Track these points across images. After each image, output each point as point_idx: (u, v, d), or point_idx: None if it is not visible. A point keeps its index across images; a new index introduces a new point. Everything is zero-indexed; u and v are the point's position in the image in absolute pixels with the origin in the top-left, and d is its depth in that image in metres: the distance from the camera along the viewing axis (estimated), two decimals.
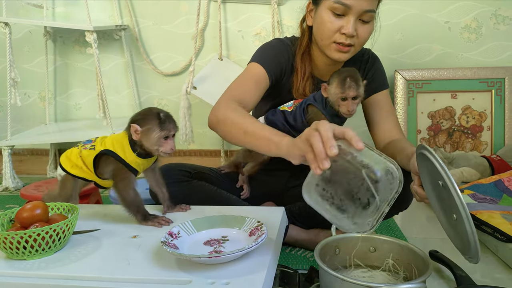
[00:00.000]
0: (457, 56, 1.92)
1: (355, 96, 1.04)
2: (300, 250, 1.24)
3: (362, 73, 1.22)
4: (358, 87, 1.04)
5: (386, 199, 0.70)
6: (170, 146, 0.91)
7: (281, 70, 1.18)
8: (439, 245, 1.26)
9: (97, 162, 0.96)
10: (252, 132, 0.90)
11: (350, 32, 1.05)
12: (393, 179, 0.69)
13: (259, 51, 1.19)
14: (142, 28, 2.10)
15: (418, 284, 0.64)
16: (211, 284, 0.68)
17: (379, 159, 0.70)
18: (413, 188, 0.88)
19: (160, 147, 0.91)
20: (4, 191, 1.95)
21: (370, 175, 0.68)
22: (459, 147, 1.91)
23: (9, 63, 1.87)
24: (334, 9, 1.05)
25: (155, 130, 0.89)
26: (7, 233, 0.76)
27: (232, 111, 0.99)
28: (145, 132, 0.89)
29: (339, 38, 1.07)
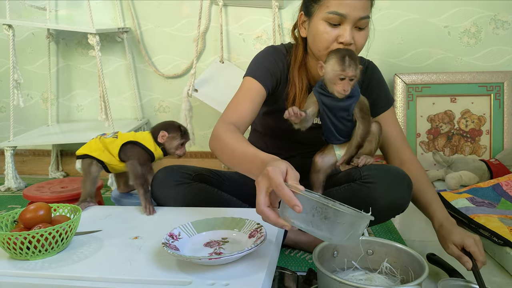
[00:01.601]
0: (457, 60, 1.93)
1: (353, 76, 1.01)
2: (299, 252, 1.25)
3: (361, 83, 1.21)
4: (356, 67, 1.01)
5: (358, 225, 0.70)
6: (184, 151, 1.27)
7: (276, 80, 1.19)
8: (437, 248, 1.27)
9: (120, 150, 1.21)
10: (237, 161, 0.94)
11: (348, 40, 1.04)
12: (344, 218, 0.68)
13: (253, 64, 1.20)
14: (144, 31, 2.11)
15: (414, 286, 0.65)
16: (211, 285, 0.69)
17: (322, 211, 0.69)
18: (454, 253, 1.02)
19: (177, 150, 1.25)
20: (7, 192, 1.96)
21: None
22: (458, 150, 1.92)
23: (12, 65, 1.89)
24: (329, 19, 1.05)
25: (177, 138, 1.24)
26: (11, 234, 0.77)
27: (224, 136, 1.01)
28: (170, 138, 1.23)
29: (336, 48, 1.07)
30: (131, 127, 2.02)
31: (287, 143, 1.32)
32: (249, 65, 1.20)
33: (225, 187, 1.27)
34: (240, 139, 0.99)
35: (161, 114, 2.19)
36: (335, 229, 0.67)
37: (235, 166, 0.96)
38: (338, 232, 0.67)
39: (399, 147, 1.20)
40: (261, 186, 0.73)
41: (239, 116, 1.10)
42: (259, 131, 1.37)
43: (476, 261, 0.95)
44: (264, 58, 1.20)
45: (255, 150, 0.91)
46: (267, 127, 1.32)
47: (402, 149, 1.20)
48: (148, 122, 2.20)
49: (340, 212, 0.66)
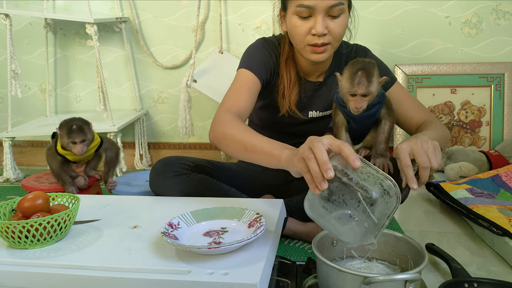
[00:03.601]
0: (457, 51, 1.92)
1: (365, 93, 0.95)
2: (298, 242, 1.25)
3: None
4: (369, 83, 0.94)
5: (385, 215, 0.69)
6: (78, 150, 1.29)
7: (270, 72, 1.18)
8: (436, 239, 1.27)
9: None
10: (251, 148, 0.93)
11: (319, 31, 1.03)
12: (390, 198, 0.68)
13: (246, 56, 1.19)
14: (143, 21, 2.10)
15: (413, 274, 0.65)
16: (210, 274, 0.69)
17: (376, 177, 0.69)
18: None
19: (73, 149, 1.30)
20: (5, 182, 1.96)
21: (366, 197, 0.68)
22: (458, 142, 1.92)
23: (10, 55, 1.88)
24: (299, 12, 1.04)
25: (64, 136, 1.29)
26: (9, 223, 0.77)
27: (230, 128, 1.00)
28: (61, 136, 1.31)
29: (311, 40, 1.06)
30: (130, 118, 2.01)
31: (284, 136, 1.31)
32: (242, 57, 1.19)
33: (224, 178, 1.26)
34: (249, 130, 0.99)
35: (160, 105, 2.18)
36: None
37: (249, 157, 0.95)
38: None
39: (413, 118, 1.15)
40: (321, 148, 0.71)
41: (240, 107, 1.09)
42: (256, 123, 1.37)
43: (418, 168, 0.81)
44: (256, 49, 1.19)
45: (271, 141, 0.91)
46: (263, 120, 1.32)
47: (416, 118, 1.14)
48: (147, 113, 2.19)
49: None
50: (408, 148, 0.81)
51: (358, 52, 1.22)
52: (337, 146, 0.71)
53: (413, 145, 0.81)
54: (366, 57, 1.22)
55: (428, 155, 0.80)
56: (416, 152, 0.80)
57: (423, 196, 1.70)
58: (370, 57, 1.22)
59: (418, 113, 1.15)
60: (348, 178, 0.69)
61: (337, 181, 0.70)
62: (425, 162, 0.79)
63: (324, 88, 1.22)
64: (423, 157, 0.79)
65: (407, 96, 1.20)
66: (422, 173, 0.80)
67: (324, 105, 1.24)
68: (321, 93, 1.23)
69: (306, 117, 1.24)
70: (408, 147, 0.81)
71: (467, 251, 1.20)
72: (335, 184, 0.70)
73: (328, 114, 1.25)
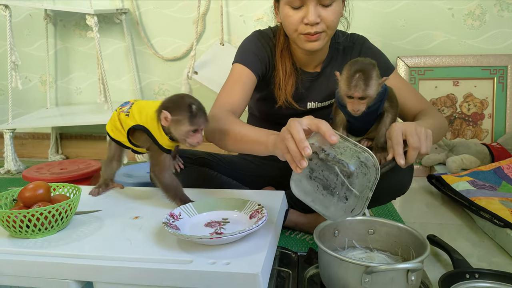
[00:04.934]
0: (460, 43, 1.91)
1: (362, 97, 0.91)
2: (299, 233, 1.25)
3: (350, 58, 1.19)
4: (366, 87, 0.90)
5: (367, 187, 0.71)
6: (197, 140, 0.90)
7: (265, 65, 1.18)
8: (437, 230, 1.27)
9: (132, 132, 0.96)
10: (241, 138, 0.95)
11: (311, 20, 1.02)
12: (368, 169, 0.70)
13: (241, 50, 1.19)
14: (143, 12, 2.08)
15: (415, 264, 0.65)
16: (212, 264, 0.69)
17: (353, 151, 0.70)
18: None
19: (188, 139, 0.89)
20: (6, 174, 1.96)
21: (343, 170, 0.69)
22: (460, 134, 1.91)
23: (10, 46, 1.87)
24: (290, 3, 1.04)
25: (185, 123, 0.87)
26: (10, 212, 0.77)
27: (222, 123, 1.01)
28: (174, 121, 0.88)
29: (304, 29, 1.05)
30: None
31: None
32: (237, 51, 1.19)
33: (225, 170, 1.26)
34: (239, 123, 1.00)
35: (160, 97, 2.17)
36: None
37: (241, 148, 0.97)
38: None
39: (411, 107, 1.15)
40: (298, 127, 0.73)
41: (233, 103, 1.09)
42: (256, 116, 1.37)
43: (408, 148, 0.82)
44: (251, 43, 1.18)
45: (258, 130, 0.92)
46: (262, 112, 1.32)
47: (415, 107, 1.14)
48: None
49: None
50: (402, 128, 0.82)
51: (355, 41, 1.21)
52: (315, 124, 0.73)
53: (407, 127, 0.83)
54: (363, 46, 1.21)
55: (419, 138, 0.81)
56: (408, 132, 0.81)
57: (424, 188, 1.69)
58: (367, 46, 1.21)
59: (416, 102, 1.15)
60: (325, 154, 0.71)
61: (316, 158, 0.72)
62: (415, 142, 0.81)
63: (322, 79, 1.22)
64: (414, 138, 0.81)
65: (405, 85, 1.19)
66: (410, 153, 0.81)
67: (322, 96, 1.23)
68: (319, 83, 1.22)
69: (305, 109, 1.24)
70: (402, 127, 0.83)
71: (468, 242, 1.20)
72: (314, 162, 0.72)
73: (327, 105, 1.24)
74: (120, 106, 0.99)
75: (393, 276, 0.67)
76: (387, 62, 1.20)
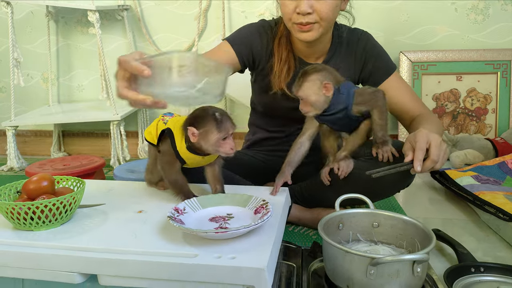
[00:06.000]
0: (463, 38, 1.90)
1: (300, 97, 0.98)
2: (302, 228, 1.25)
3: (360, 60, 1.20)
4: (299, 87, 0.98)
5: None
6: (230, 146, 0.87)
7: (257, 53, 1.19)
8: (441, 225, 1.27)
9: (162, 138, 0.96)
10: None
11: (302, 10, 1.03)
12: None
13: (236, 31, 1.22)
14: (145, 9, 2.08)
15: (422, 255, 0.65)
16: (218, 258, 0.68)
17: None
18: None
19: (220, 148, 0.87)
20: (9, 171, 1.96)
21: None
22: (463, 129, 1.90)
23: (12, 43, 1.86)
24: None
25: (213, 132, 0.85)
26: (15, 204, 0.77)
27: None
28: (202, 134, 0.86)
29: (297, 19, 1.06)
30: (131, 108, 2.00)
31: (286, 121, 1.31)
32: (234, 31, 1.23)
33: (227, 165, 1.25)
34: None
35: None
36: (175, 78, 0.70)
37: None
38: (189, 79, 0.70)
39: (409, 109, 1.16)
40: (118, 74, 0.76)
41: None
42: (259, 111, 1.36)
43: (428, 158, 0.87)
44: (248, 29, 1.22)
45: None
46: (264, 106, 1.32)
47: (412, 110, 1.16)
48: None
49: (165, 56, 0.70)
50: (429, 137, 0.87)
51: (360, 36, 1.21)
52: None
53: (433, 138, 0.88)
54: (368, 43, 1.21)
55: (440, 153, 0.87)
56: (433, 144, 0.87)
57: (427, 183, 1.69)
58: (371, 43, 1.21)
59: (414, 104, 1.17)
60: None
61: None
62: (436, 156, 0.86)
63: None
64: (437, 151, 0.86)
65: (405, 87, 1.20)
66: (427, 164, 0.86)
67: None
68: None
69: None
70: (429, 136, 0.88)
71: (472, 237, 1.20)
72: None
73: None
74: (163, 114, 0.99)
75: (399, 267, 0.66)
76: (388, 61, 1.21)
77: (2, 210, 0.79)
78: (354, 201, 1.02)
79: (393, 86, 1.18)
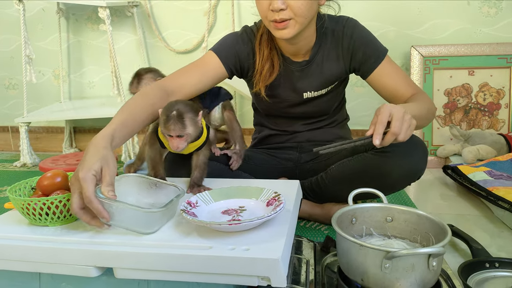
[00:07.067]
0: (476, 32, 1.87)
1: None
2: (314, 223, 1.25)
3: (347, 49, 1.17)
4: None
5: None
6: (173, 144, 0.95)
7: (243, 60, 1.18)
8: (454, 221, 1.26)
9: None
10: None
11: (275, 7, 1.01)
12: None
13: (220, 41, 1.20)
14: (154, 5, 2.08)
15: (438, 248, 0.64)
16: (232, 250, 0.68)
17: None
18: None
19: (169, 141, 0.96)
20: (22, 167, 1.99)
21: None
22: (475, 125, 1.88)
23: (24, 40, 1.88)
24: None
25: (160, 126, 0.96)
26: (30, 199, 0.78)
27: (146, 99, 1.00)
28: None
29: (271, 16, 1.04)
30: None
31: (288, 120, 1.31)
32: (217, 42, 1.21)
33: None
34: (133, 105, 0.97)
35: None
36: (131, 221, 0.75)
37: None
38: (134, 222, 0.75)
39: (403, 93, 1.14)
40: (74, 188, 0.75)
41: (179, 85, 1.10)
42: (260, 112, 1.37)
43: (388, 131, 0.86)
44: (232, 37, 1.20)
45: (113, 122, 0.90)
46: (264, 108, 1.32)
47: (406, 94, 1.13)
48: None
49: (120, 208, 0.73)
50: (391, 110, 0.86)
51: (345, 24, 1.17)
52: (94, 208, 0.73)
53: (396, 110, 0.87)
54: (355, 30, 1.17)
55: (402, 125, 0.86)
56: (395, 117, 0.86)
57: (439, 179, 1.68)
58: (358, 29, 1.17)
59: (407, 88, 1.14)
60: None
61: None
62: (397, 128, 0.85)
63: (313, 67, 1.20)
64: (398, 122, 0.85)
65: (396, 71, 1.17)
66: (388, 137, 0.86)
67: (316, 84, 1.22)
68: (311, 72, 1.21)
69: (302, 99, 1.23)
70: (390, 109, 0.87)
71: (486, 233, 1.19)
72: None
73: (324, 93, 1.24)
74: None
75: (414, 261, 0.66)
76: (379, 47, 1.17)
77: (18, 206, 0.80)
78: (366, 195, 1.02)
79: (384, 72, 1.15)
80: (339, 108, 1.33)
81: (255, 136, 1.42)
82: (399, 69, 1.18)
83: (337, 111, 1.33)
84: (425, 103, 1.07)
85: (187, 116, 0.93)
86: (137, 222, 0.75)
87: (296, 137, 1.33)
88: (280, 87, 1.22)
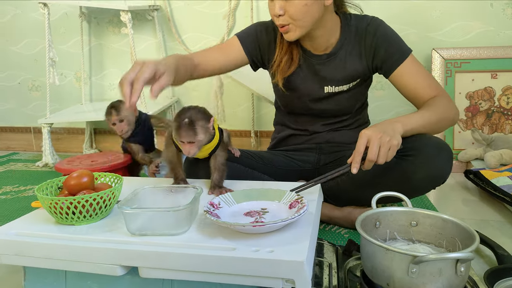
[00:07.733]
0: (499, 34, 1.84)
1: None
2: (334, 227, 1.24)
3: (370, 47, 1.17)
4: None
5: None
6: (186, 149, 0.95)
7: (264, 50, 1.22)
8: (477, 227, 1.23)
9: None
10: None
11: (273, 12, 1.07)
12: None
13: (246, 28, 1.25)
14: (174, 9, 2.11)
15: (466, 253, 0.63)
16: (256, 251, 0.68)
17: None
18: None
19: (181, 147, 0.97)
20: (44, 167, 2.03)
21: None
22: (498, 129, 1.84)
23: (48, 43, 1.93)
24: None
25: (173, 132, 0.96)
26: (58, 198, 0.79)
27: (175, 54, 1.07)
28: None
29: (276, 21, 1.10)
30: (162, 105, 2.03)
31: (309, 118, 1.31)
32: (245, 28, 1.26)
33: (256, 165, 1.26)
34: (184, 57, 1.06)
35: (192, 92, 2.19)
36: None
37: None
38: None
39: (422, 95, 1.12)
40: (134, 67, 0.86)
41: (203, 60, 1.15)
42: (282, 110, 1.37)
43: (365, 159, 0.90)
44: (258, 25, 1.24)
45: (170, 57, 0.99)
46: (286, 105, 1.33)
47: (425, 95, 1.12)
48: (179, 101, 2.21)
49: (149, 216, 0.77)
50: (368, 136, 0.90)
51: (370, 22, 1.18)
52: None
53: (373, 136, 0.90)
54: (379, 28, 1.17)
55: (380, 151, 0.89)
56: (371, 143, 0.89)
57: (461, 184, 1.65)
58: (382, 27, 1.17)
59: (427, 90, 1.12)
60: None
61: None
62: (373, 156, 0.89)
63: (336, 61, 1.20)
64: (374, 150, 0.88)
65: (418, 72, 1.15)
66: (365, 164, 0.91)
67: (337, 79, 1.21)
68: (332, 66, 1.21)
69: (323, 93, 1.23)
70: (368, 135, 0.90)
71: (510, 239, 1.16)
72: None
73: (345, 89, 1.23)
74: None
75: (442, 266, 0.65)
76: (402, 46, 1.16)
77: (45, 205, 0.81)
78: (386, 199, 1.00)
79: (406, 72, 1.14)
80: (360, 109, 1.32)
81: (274, 136, 1.42)
82: (423, 70, 1.16)
83: (359, 112, 1.32)
84: (440, 108, 1.07)
85: (198, 124, 0.94)
86: (167, 224, 0.77)
87: (315, 138, 1.32)
88: (300, 79, 1.23)
